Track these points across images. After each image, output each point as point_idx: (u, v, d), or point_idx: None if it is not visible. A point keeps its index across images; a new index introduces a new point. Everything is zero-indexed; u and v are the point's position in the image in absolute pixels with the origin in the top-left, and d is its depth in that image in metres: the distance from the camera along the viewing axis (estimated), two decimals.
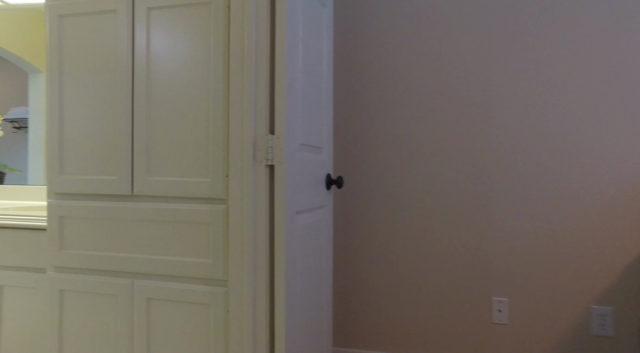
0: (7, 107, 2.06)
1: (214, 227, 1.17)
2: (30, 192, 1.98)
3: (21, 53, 2.05)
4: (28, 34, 2.07)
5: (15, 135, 2.04)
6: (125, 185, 1.22)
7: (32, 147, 2.05)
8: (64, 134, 1.27)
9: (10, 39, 2.07)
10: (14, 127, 2.04)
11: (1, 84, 2.04)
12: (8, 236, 1.40)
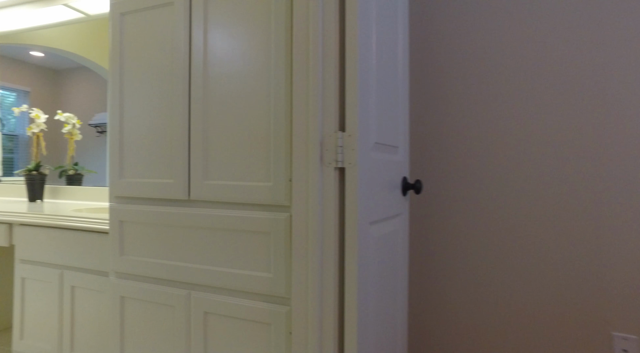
0: (92, 113, 2.13)
1: (276, 237, 1.03)
2: (104, 193, 2.02)
3: (101, 61, 2.11)
4: (106, 43, 2.12)
5: (98, 139, 2.11)
6: (182, 189, 1.13)
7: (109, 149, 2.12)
8: (124, 136, 1.22)
9: (92, 48, 2.14)
10: (97, 132, 2.11)
11: (87, 91, 2.13)
12: (79, 238, 1.39)
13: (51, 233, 1.43)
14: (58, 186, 2.12)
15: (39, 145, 2.05)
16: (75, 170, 2.15)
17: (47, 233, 1.44)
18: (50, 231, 1.43)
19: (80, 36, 2.16)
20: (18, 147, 2.36)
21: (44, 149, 2.16)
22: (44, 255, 1.45)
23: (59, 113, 2.08)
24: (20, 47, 2.35)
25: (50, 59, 2.18)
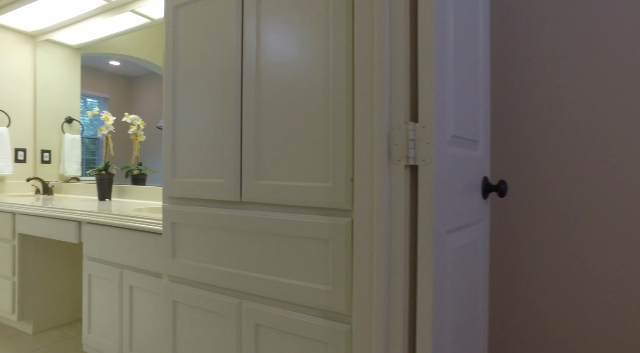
0: (159, 116, 2.21)
1: (335, 245, 0.90)
2: None
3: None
4: None
5: None
6: (233, 189, 1.05)
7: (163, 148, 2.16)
8: (176, 133, 1.18)
9: (159, 55, 2.21)
10: None
11: (156, 95, 2.23)
12: (137, 238, 1.38)
13: (112, 232, 1.44)
14: (124, 185, 2.20)
15: (107, 146, 2.14)
16: (140, 170, 2.21)
17: (109, 232, 1.46)
18: (111, 230, 1.45)
19: (148, 44, 2.24)
20: (99, 149, 2.54)
21: (112, 150, 2.26)
22: (106, 253, 1.47)
23: (126, 115, 2.16)
24: (100, 56, 2.50)
25: (125, 67, 2.32)
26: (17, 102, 2.70)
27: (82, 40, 2.59)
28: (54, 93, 2.74)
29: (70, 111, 2.69)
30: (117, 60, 2.38)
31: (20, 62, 2.70)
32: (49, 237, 1.69)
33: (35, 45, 2.77)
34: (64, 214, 1.60)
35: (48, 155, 2.77)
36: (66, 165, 2.70)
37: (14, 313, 1.89)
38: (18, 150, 2.70)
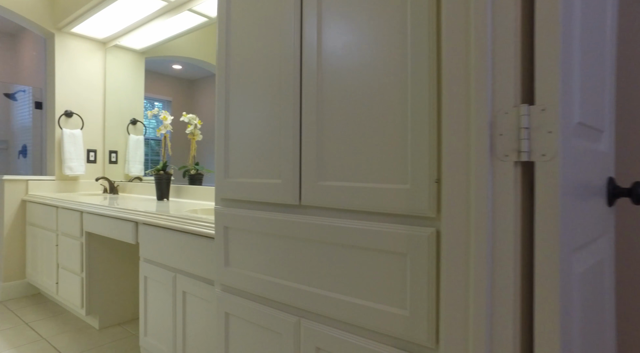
0: None
1: (414, 260, 0.73)
2: None
3: None
4: None
5: None
6: (292, 191, 0.91)
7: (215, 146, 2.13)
8: (229, 129, 1.07)
9: (215, 52, 2.19)
10: None
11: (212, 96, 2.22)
12: (190, 241, 1.31)
13: (166, 235, 1.39)
14: (182, 185, 2.20)
15: (166, 146, 2.14)
16: (196, 170, 2.20)
17: (164, 234, 1.41)
18: (166, 232, 1.40)
19: (207, 45, 2.23)
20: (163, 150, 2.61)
21: (170, 150, 2.27)
22: (161, 256, 1.42)
23: (184, 114, 2.15)
24: (163, 61, 2.55)
25: (187, 70, 2.36)
26: (90, 105, 2.84)
27: (146, 44, 2.65)
28: (120, 96, 2.85)
29: (134, 113, 2.78)
30: (179, 64, 2.43)
31: (92, 68, 2.84)
32: (110, 236, 1.70)
33: (106, 51, 2.91)
34: (123, 214, 1.59)
35: (115, 155, 2.89)
36: (130, 165, 2.79)
37: (82, 308, 1.95)
38: (89, 151, 2.84)
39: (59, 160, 2.69)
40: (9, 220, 2.48)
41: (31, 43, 3.96)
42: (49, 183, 2.63)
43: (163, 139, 2.10)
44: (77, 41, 2.75)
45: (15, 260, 2.51)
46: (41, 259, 2.33)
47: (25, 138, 3.89)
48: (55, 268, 2.18)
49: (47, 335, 1.94)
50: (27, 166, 3.91)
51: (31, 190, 2.55)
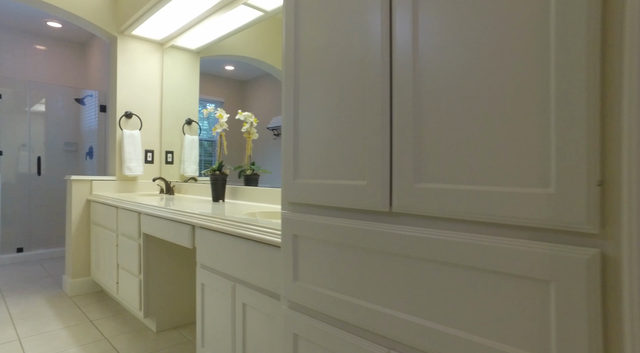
0: (270, 117, 2.13)
1: (564, 292, 0.53)
2: (279, 195, 1.89)
3: (277, 64, 2.06)
4: (278, 43, 2.06)
5: (275, 141, 2.07)
6: (380, 195, 0.74)
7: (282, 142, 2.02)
8: (299, 122, 0.93)
9: (269, 52, 2.10)
10: (274, 135, 2.06)
11: (267, 97, 2.16)
12: (251, 248, 1.19)
13: (225, 240, 1.28)
14: (237, 186, 2.12)
15: (221, 145, 2.07)
16: (252, 170, 2.10)
17: (222, 239, 1.30)
18: (224, 237, 1.29)
19: (261, 43, 2.16)
20: (216, 151, 2.58)
21: (226, 149, 2.20)
22: (219, 262, 1.32)
23: (239, 112, 2.07)
24: (216, 62, 2.52)
25: (239, 71, 2.33)
26: (147, 106, 2.88)
27: (201, 43, 2.63)
28: (176, 96, 2.86)
29: (190, 113, 2.77)
30: (231, 65, 2.41)
31: (151, 70, 2.88)
32: (166, 239, 1.64)
33: (163, 52, 2.94)
34: (179, 216, 1.51)
35: (171, 156, 2.90)
36: (186, 165, 2.79)
37: (140, 310, 1.92)
38: (147, 151, 2.88)
39: (119, 160, 2.74)
40: (76, 219, 2.56)
41: (98, 50, 4.17)
42: (110, 183, 2.69)
43: (219, 138, 2.03)
44: (137, 43, 2.80)
45: (81, 258, 2.59)
46: (103, 258, 2.37)
47: (91, 140, 4.09)
48: (115, 268, 2.19)
49: (109, 335, 1.94)
50: (93, 167, 4.11)
51: (95, 190, 2.62)
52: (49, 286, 2.76)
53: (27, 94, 3.80)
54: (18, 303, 2.39)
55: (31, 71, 4.18)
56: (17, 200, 3.68)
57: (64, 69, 4.40)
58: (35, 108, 3.87)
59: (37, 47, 4.20)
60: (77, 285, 2.56)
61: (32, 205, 3.78)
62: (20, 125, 3.75)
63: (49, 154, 3.94)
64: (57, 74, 4.35)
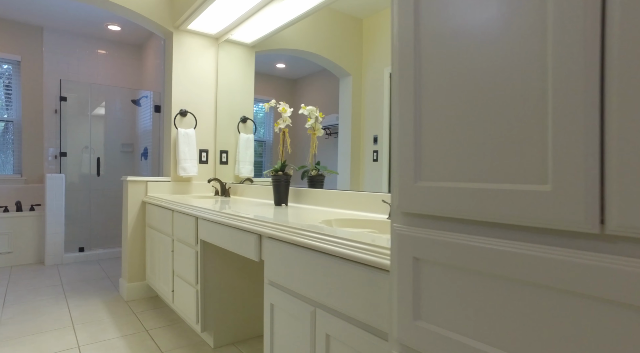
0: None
1: None
2: (349, 199, 1.65)
3: (333, 58, 1.92)
4: (334, 36, 1.91)
5: (327, 141, 1.96)
6: (580, 206, 0.47)
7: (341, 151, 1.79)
8: (422, 103, 0.67)
9: (327, 45, 1.97)
10: (326, 134, 1.96)
11: (318, 95, 2.06)
12: (337, 267, 0.96)
13: (302, 255, 1.06)
14: (300, 188, 1.90)
15: (284, 143, 1.86)
16: (317, 170, 1.88)
17: (297, 254, 1.08)
18: (300, 252, 1.06)
19: (318, 36, 1.99)
20: (265, 152, 2.43)
21: (290, 147, 2.00)
22: (293, 281, 1.10)
23: (302, 107, 1.86)
24: (268, 60, 2.36)
25: (290, 69, 2.25)
26: (202, 104, 2.77)
27: (256, 36, 2.47)
28: (231, 93, 2.72)
29: (244, 110, 2.61)
30: (283, 63, 2.30)
31: (205, 66, 2.77)
32: (228, 249, 1.45)
33: (218, 47, 2.82)
34: (244, 223, 1.32)
35: (225, 156, 2.77)
36: (240, 166, 2.64)
37: (197, 323, 1.77)
38: (201, 151, 2.77)
39: (174, 160, 2.65)
40: (132, 221, 2.49)
41: (153, 51, 4.19)
42: (165, 184, 2.59)
43: (281, 135, 1.83)
44: (192, 38, 2.69)
45: (136, 261, 2.52)
46: (158, 264, 2.26)
47: (146, 141, 4.12)
48: (170, 275, 2.06)
49: (165, 349, 1.80)
50: (147, 168, 4.13)
51: (150, 191, 2.54)
52: (106, 288, 2.72)
53: (89, 96, 3.89)
54: (79, 306, 2.35)
55: (93, 74, 4.30)
56: (79, 201, 3.76)
57: (122, 71, 4.48)
58: (95, 111, 3.95)
59: (99, 51, 4.30)
60: (133, 290, 2.48)
61: (93, 205, 3.85)
62: (82, 127, 3.84)
63: (107, 155, 4.00)
64: (115, 76, 4.45)
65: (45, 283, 2.83)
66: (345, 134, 1.83)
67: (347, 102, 1.84)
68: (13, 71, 3.94)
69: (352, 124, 1.79)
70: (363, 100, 1.74)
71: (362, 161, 1.73)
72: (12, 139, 3.96)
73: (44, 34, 4.00)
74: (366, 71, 1.73)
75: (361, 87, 1.76)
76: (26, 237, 3.39)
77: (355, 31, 1.81)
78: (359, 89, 1.77)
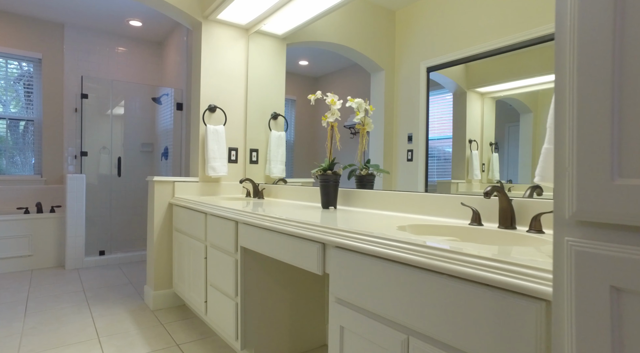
0: (347, 114, 1.94)
1: None
2: (405, 201, 1.45)
3: (366, 51, 1.79)
4: (367, 29, 1.79)
5: (353, 140, 1.86)
6: None
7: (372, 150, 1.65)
8: (621, 74, 0.47)
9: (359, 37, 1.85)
10: (351, 133, 1.87)
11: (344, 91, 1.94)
12: (446, 288, 0.77)
13: (386, 269, 0.86)
14: (349, 189, 1.71)
15: (333, 139, 1.67)
16: (367, 169, 1.69)
17: (377, 267, 0.88)
18: (380, 264, 0.87)
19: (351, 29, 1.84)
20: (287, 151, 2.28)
21: (339, 143, 1.81)
22: (372, 300, 0.90)
23: (350, 99, 1.67)
24: (290, 55, 2.18)
25: (312, 67, 2.18)
26: (231, 99, 2.60)
27: (288, 28, 2.31)
28: (262, 88, 2.54)
29: (275, 106, 2.44)
30: (306, 59, 2.20)
31: (235, 58, 2.60)
32: (279, 259, 1.27)
33: (248, 39, 2.65)
34: (301, 230, 1.13)
35: (255, 154, 2.60)
36: (272, 165, 2.46)
37: (237, 340, 1.58)
38: (230, 149, 2.60)
39: (202, 159, 2.48)
40: (158, 224, 2.33)
41: (174, 48, 4.06)
42: (193, 185, 2.43)
43: (329, 130, 1.64)
44: (221, 29, 2.53)
45: (163, 268, 2.35)
46: (188, 271, 2.09)
47: (166, 140, 3.98)
48: (203, 284, 1.89)
49: None
50: (168, 168, 3.99)
51: (177, 192, 2.37)
52: (130, 296, 2.57)
53: (110, 93, 3.77)
54: (103, 315, 2.19)
55: (113, 72, 4.19)
56: (99, 202, 3.64)
57: (143, 68, 4.36)
58: (115, 110, 3.82)
59: (119, 48, 4.19)
60: (159, 298, 2.32)
61: (113, 206, 3.72)
62: (101, 126, 3.72)
63: (127, 155, 3.88)
64: (136, 74, 4.33)
65: (66, 288, 2.69)
66: (377, 132, 1.71)
67: (379, 99, 1.69)
68: (34, 69, 3.84)
69: (384, 122, 1.66)
70: (396, 97, 1.62)
71: (395, 161, 1.61)
72: (31, 139, 3.86)
73: (65, 30, 3.90)
74: (400, 66, 1.61)
75: (394, 82, 1.64)
76: (47, 240, 3.27)
77: (388, 23, 1.69)
78: (392, 85, 1.65)
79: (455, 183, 1.37)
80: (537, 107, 1.15)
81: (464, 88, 1.38)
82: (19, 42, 3.71)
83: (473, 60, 1.34)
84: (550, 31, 1.12)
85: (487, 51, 1.29)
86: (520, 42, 1.19)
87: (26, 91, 3.82)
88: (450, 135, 1.43)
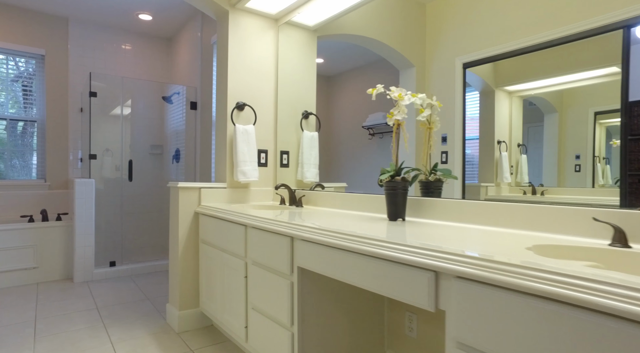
0: (363, 114, 1.84)
1: None
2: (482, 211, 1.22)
3: (396, 46, 1.66)
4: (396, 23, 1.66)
5: (370, 142, 1.78)
6: None
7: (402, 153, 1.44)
8: None
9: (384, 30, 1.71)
10: (369, 134, 1.79)
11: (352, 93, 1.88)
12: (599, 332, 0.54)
13: (552, 315, 0.64)
14: (418, 198, 1.48)
15: (398, 139, 1.44)
16: (435, 174, 1.46)
17: (511, 304, 0.65)
18: (513, 300, 0.64)
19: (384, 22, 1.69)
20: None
21: (407, 144, 1.58)
22: (519, 348, 0.67)
23: (413, 95, 1.44)
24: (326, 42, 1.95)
25: (326, 65, 2.09)
26: (260, 96, 2.37)
27: (321, 19, 2.09)
28: (292, 84, 2.31)
29: (307, 104, 2.21)
30: (321, 57, 2.10)
31: (264, 52, 2.37)
32: (362, 287, 1.04)
33: (278, 30, 2.41)
34: (406, 255, 0.90)
35: (286, 157, 2.36)
36: (304, 169, 2.23)
37: None
38: (260, 152, 2.36)
39: (230, 163, 2.24)
40: (183, 236, 2.09)
41: (185, 45, 3.82)
42: (221, 191, 2.19)
43: (395, 128, 1.41)
44: (249, 19, 2.30)
45: (189, 285, 2.11)
46: (221, 290, 1.85)
47: (177, 142, 3.74)
48: (243, 307, 1.65)
49: None
50: (179, 172, 3.75)
51: (203, 199, 2.14)
52: (149, 314, 2.33)
53: (120, 91, 3.52)
54: (123, 339, 1.95)
55: (120, 70, 3.94)
56: (108, 209, 3.39)
57: (152, 65, 4.12)
58: (123, 111, 3.57)
59: (126, 45, 3.95)
60: (185, 319, 2.08)
61: (124, 213, 3.48)
62: (109, 127, 3.47)
63: (135, 158, 3.63)
64: (144, 71, 4.08)
65: (77, 306, 2.45)
66: (409, 134, 1.57)
67: None
68: (36, 66, 3.59)
69: (415, 123, 1.53)
70: (428, 95, 1.50)
71: (427, 165, 1.49)
72: (30, 140, 3.60)
73: (70, 25, 3.65)
74: (431, 62, 1.49)
75: (425, 79, 1.51)
76: (53, 250, 3.02)
77: (418, 17, 1.56)
78: (423, 82, 1.52)
79: (485, 186, 1.29)
80: (562, 106, 1.11)
81: (492, 86, 1.28)
82: (20, 37, 3.46)
83: (514, 56, 1.22)
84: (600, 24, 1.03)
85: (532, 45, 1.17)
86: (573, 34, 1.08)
87: (24, 91, 3.56)
88: (475, 136, 1.33)
